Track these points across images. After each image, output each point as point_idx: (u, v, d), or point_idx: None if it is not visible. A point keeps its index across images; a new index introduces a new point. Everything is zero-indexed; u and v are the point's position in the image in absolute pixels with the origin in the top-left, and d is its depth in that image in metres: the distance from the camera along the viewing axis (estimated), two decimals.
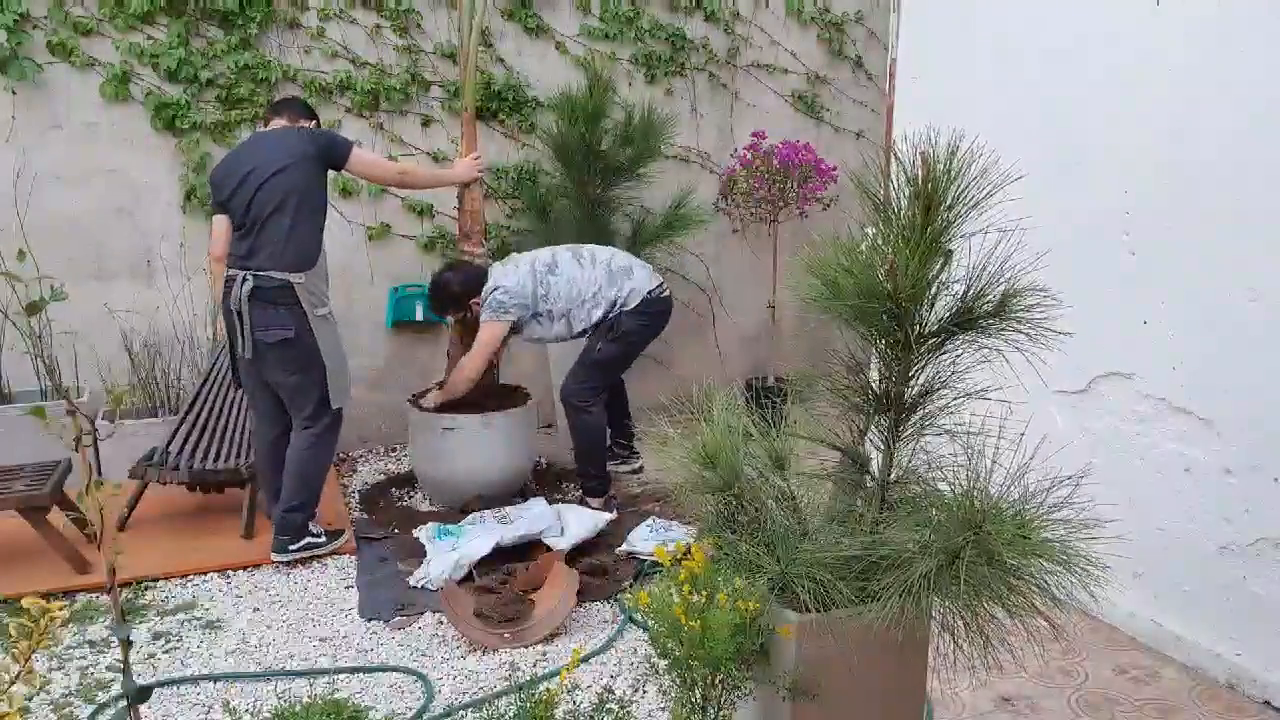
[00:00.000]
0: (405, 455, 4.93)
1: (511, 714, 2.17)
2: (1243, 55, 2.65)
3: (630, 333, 4.08)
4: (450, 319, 4.29)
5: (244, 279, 3.45)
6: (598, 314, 4.04)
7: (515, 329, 4.07)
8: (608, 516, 3.76)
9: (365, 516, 4.15)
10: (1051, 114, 3.24)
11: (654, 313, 4.13)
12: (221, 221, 3.65)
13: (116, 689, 2.79)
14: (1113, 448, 3.10)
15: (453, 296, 4.07)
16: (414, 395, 4.31)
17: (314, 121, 3.81)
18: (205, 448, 3.94)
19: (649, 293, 4.08)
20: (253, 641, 3.12)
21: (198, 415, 4.05)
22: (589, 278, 4.04)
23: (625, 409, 4.67)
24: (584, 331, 4.11)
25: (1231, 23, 2.67)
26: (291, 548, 3.62)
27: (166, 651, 3.06)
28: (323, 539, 3.70)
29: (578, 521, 3.70)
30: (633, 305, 4.06)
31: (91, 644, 3.09)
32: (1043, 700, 2.72)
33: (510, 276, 4.00)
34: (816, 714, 1.97)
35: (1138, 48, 2.94)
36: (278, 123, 3.72)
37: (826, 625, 1.92)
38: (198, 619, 3.27)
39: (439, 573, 3.41)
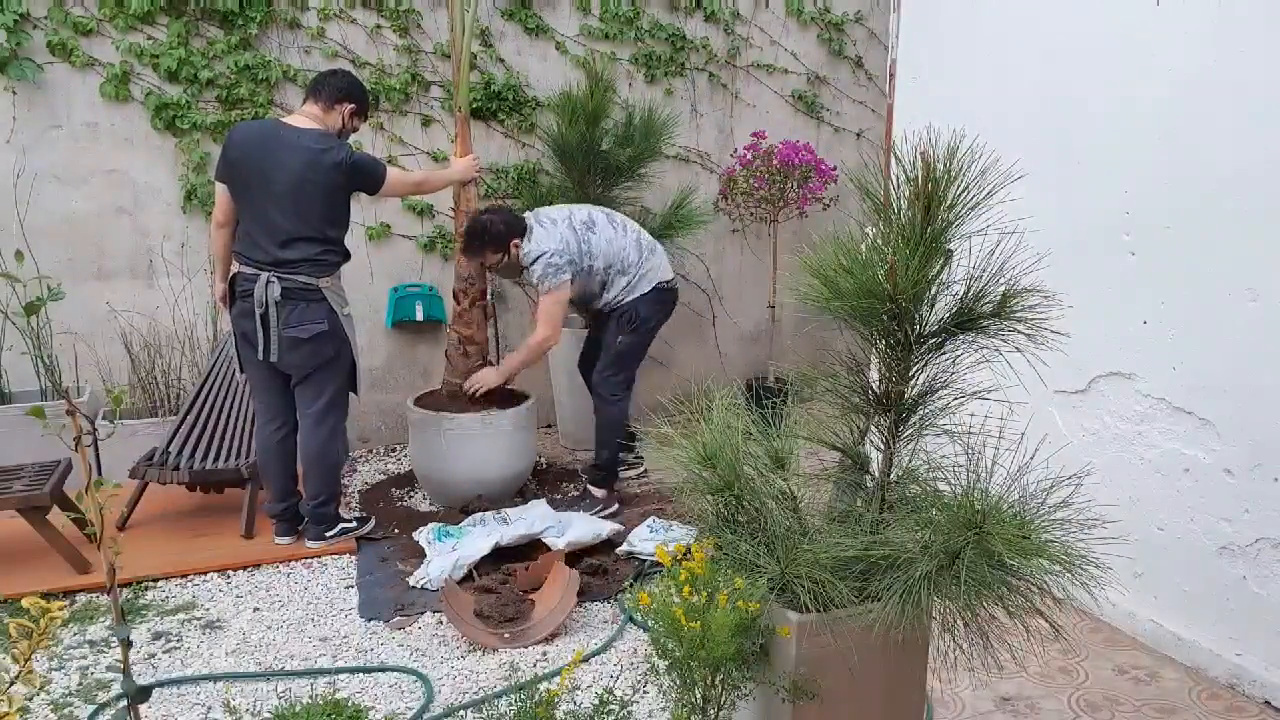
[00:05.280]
0: (405, 455, 4.93)
1: (512, 714, 2.17)
2: (1243, 55, 2.65)
3: (646, 319, 4.16)
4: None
5: (269, 280, 3.45)
6: (621, 281, 4.09)
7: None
8: (612, 527, 3.75)
9: (365, 516, 4.14)
10: (1051, 114, 3.24)
11: (665, 301, 4.22)
12: (224, 190, 3.56)
13: (116, 689, 2.80)
14: (1113, 448, 3.10)
15: (496, 235, 3.95)
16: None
17: (352, 105, 3.59)
18: (205, 448, 3.94)
19: (663, 281, 4.17)
20: (253, 641, 3.12)
21: (198, 415, 4.05)
22: (624, 243, 4.11)
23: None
24: (602, 301, 4.13)
25: (1231, 23, 2.67)
26: (328, 535, 3.77)
27: (166, 651, 3.06)
28: (353, 524, 3.85)
29: (581, 527, 3.69)
30: (646, 289, 4.11)
31: (91, 644, 3.09)
32: (1043, 700, 2.72)
33: (552, 238, 3.97)
34: (816, 714, 1.97)
35: (1138, 48, 2.94)
36: (311, 109, 3.55)
37: (826, 625, 1.92)
38: (198, 619, 3.27)
39: (439, 573, 3.41)
